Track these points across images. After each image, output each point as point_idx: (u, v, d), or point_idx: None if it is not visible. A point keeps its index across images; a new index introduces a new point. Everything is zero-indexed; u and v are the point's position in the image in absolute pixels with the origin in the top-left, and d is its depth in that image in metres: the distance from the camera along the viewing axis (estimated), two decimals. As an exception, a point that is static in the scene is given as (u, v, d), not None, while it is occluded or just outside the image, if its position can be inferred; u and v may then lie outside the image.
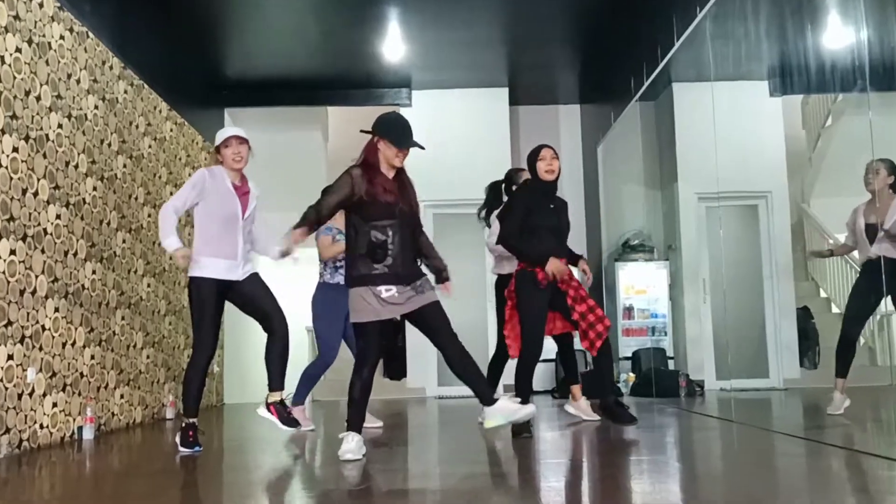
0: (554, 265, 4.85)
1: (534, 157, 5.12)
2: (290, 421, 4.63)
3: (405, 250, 4.01)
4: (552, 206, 5.09)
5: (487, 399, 4.06)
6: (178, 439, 4.57)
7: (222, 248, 4.58)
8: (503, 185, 5.99)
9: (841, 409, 5.24)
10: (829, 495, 2.93)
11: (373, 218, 3.96)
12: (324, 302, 5.61)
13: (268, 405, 4.65)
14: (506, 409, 4.05)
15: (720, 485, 3.22)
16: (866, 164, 5.00)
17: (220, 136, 4.78)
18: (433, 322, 4.04)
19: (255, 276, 4.70)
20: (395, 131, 4.05)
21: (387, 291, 3.94)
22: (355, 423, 3.99)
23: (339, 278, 5.56)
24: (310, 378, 5.57)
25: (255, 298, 4.67)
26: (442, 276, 4.26)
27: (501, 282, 5.74)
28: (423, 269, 4.20)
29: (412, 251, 4.08)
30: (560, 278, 4.92)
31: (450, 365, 4.11)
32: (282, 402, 4.65)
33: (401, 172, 4.13)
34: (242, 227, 4.65)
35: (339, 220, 5.71)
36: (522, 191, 5.23)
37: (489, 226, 6.09)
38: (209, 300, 4.54)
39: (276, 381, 4.64)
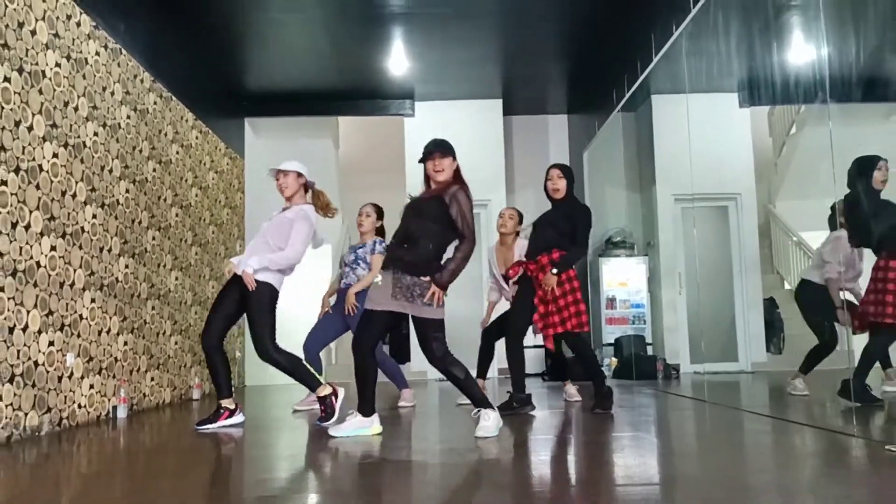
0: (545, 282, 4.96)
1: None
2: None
3: (397, 241, 4.03)
4: (551, 218, 5.14)
5: (481, 404, 4.00)
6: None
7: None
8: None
9: (806, 390, 5.27)
10: (794, 468, 2.93)
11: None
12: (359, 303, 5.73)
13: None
14: (488, 419, 3.97)
15: (695, 459, 3.23)
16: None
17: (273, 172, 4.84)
18: (418, 334, 4.00)
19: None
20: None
21: (380, 276, 4.01)
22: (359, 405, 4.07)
23: (352, 278, 5.72)
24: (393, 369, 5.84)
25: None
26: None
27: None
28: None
29: (401, 243, 4.01)
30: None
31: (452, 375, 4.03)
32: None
33: (435, 185, 4.11)
34: (259, 233, 4.80)
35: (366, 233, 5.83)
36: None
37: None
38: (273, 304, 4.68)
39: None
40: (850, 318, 4.73)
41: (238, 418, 4.72)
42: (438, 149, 4.06)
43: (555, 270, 4.91)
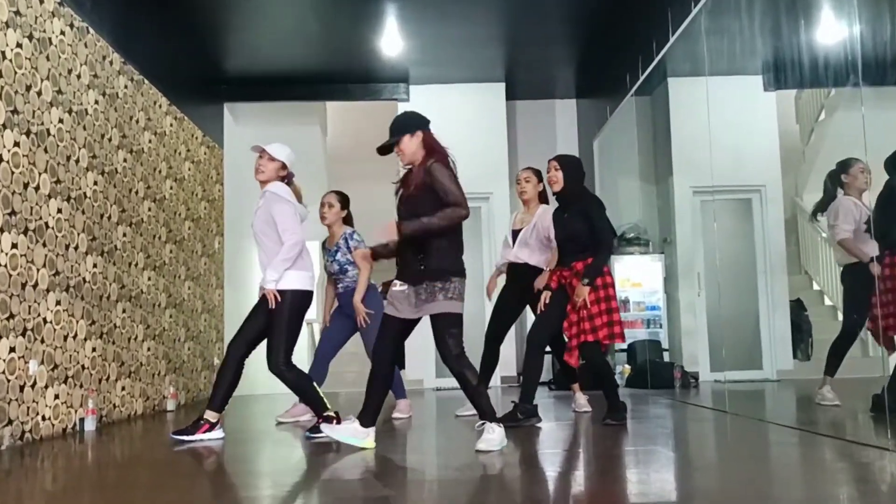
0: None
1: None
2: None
3: (404, 248, 4.05)
4: (566, 215, 5.14)
5: (486, 417, 4.02)
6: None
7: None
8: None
9: (836, 399, 5.28)
10: (823, 485, 2.94)
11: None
12: (370, 303, 5.75)
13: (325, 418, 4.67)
14: (493, 432, 3.96)
15: (714, 474, 3.24)
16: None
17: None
18: (435, 333, 4.02)
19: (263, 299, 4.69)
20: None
21: (400, 286, 4.06)
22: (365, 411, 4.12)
23: (346, 282, 5.75)
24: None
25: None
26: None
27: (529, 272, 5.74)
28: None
29: (410, 249, 4.04)
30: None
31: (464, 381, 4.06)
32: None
33: (411, 171, 4.17)
34: (256, 238, 4.78)
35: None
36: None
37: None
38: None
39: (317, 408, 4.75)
40: (877, 335, 4.74)
41: (217, 434, 4.73)
42: (392, 136, 4.13)
43: (586, 281, 4.94)
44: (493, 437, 3.91)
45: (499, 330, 5.81)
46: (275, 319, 4.58)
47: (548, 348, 5.33)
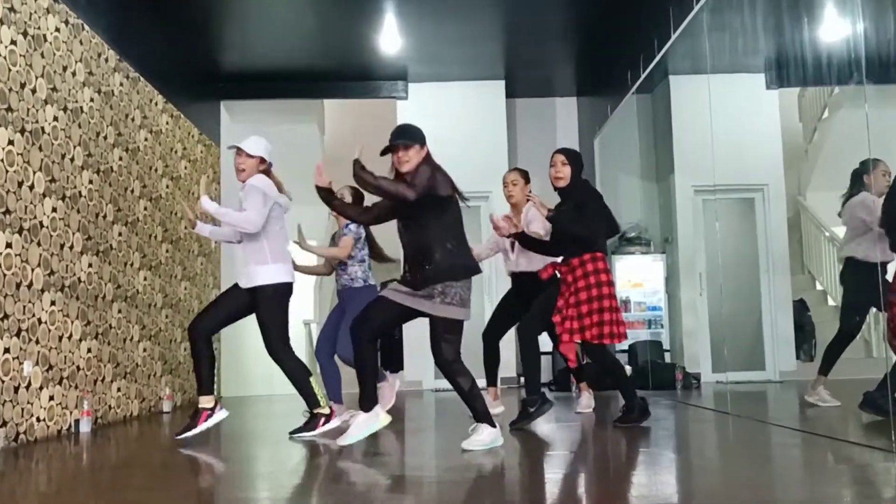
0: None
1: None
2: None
3: (407, 249, 4.06)
4: (562, 209, 5.09)
5: (479, 418, 4.04)
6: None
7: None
8: None
9: (834, 400, 5.29)
10: (825, 486, 2.95)
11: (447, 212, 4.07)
12: (355, 297, 5.61)
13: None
14: (481, 434, 3.99)
15: (716, 476, 3.24)
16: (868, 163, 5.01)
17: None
18: (432, 335, 4.02)
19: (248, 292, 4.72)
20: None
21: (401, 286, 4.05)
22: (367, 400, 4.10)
23: (345, 280, 5.66)
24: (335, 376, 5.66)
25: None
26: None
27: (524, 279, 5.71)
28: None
29: (414, 251, 4.05)
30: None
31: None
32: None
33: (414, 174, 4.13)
34: (244, 234, 4.75)
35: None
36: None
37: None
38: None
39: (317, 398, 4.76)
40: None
41: (220, 414, 4.73)
42: (401, 139, 4.09)
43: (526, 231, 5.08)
44: (482, 437, 3.94)
45: (497, 331, 5.81)
46: (262, 315, 4.64)
47: (548, 349, 5.33)
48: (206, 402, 4.70)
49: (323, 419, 4.65)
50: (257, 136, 4.86)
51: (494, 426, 3.99)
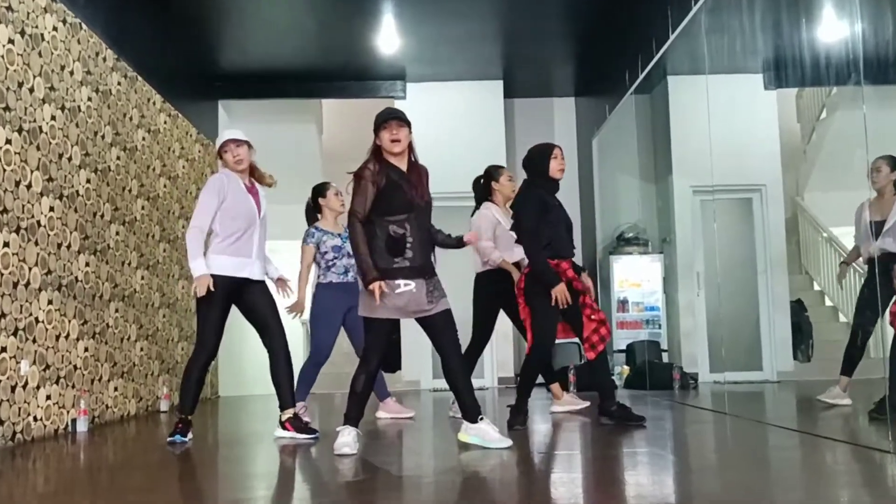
0: (561, 290, 4.67)
1: (546, 154, 4.95)
2: (308, 430, 4.71)
3: (423, 243, 4.02)
4: (557, 203, 5.00)
5: (471, 416, 4.05)
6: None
7: (238, 248, 4.62)
8: (482, 182, 5.91)
9: (834, 399, 5.28)
10: (824, 488, 2.95)
11: (390, 212, 3.95)
12: (318, 302, 5.59)
13: (282, 423, 4.73)
14: (485, 435, 4.01)
15: (714, 477, 3.24)
16: (871, 162, 5.00)
17: (218, 142, 4.80)
18: (442, 329, 4.03)
19: (263, 286, 4.73)
20: (379, 117, 4.09)
21: (405, 286, 3.93)
22: (353, 418, 4.00)
23: (332, 276, 5.56)
24: (305, 378, 5.52)
25: (258, 308, 4.71)
26: (460, 241, 4.27)
27: (481, 279, 5.68)
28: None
29: (429, 244, 4.08)
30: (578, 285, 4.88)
31: (445, 371, 4.10)
32: (295, 415, 4.73)
33: (416, 165, 4.13)
34: (259, 225, 4.71)
35: (327, 222, 5.72)
36: (532, 188, 4.95)
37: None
38: (216, 297, 4.52)
39: (286, 400, 4.74)
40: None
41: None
42: (397, 116, 4.07)
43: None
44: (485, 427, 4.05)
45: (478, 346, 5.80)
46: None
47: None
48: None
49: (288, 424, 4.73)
50: (230, 129, 4.90)
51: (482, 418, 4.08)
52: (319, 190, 5.76)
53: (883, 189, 5.16)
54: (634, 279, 9.25)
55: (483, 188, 5.82)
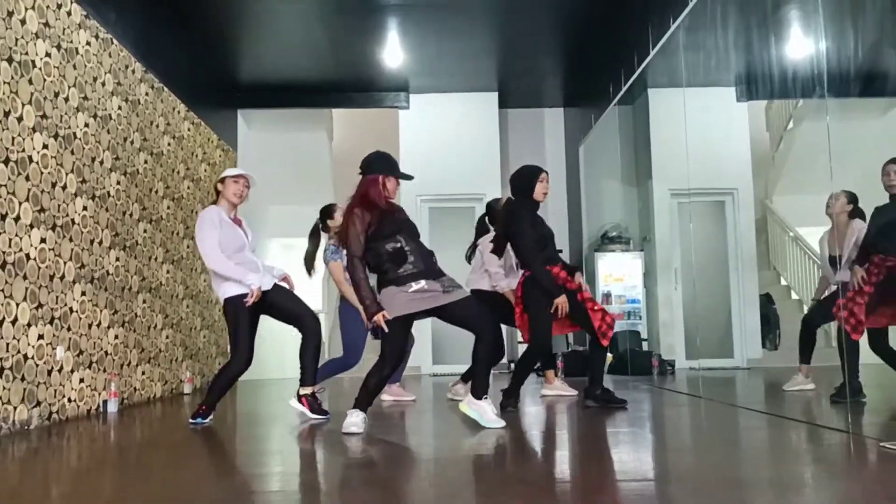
0: (562, 302, 4.68)
1: (533, 177, 4.84)
2: (320, 410, 4.71)
3: (423, 253, 4.01)
4: (540, 219, 4.98)
5: (478, 393, 4.06)
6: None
7: (247, 266, 4.55)
8: (486, 217, 5.95)
9: (798, 386, 5.28)
10: (789, 464, 2.95)
11: (382, 237, 3.94)
12: (347, 312, 5.44)
13: (299, 397, 4.70)
14: (484, 413, 4.04)
15: (690, 455, 3.25)
16: (830, 194, 4.91)
17: (232, 172, 4.70)
18: (468, 312, 3.96)
19: (277, 287, 4.67)
20: (395, 166, 4.14)
21: (416, 285, 3.91)
22: (363, 404, 4.01)
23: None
24: (328, 370, 5.39)
25: (285, 305, 4.66)
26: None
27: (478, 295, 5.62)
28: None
29: (428, 254, 4.05)
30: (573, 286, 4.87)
31: (476, 348, 3.98)
32: (313, 394, 4.72)
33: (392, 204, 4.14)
34: (249, 248, 4.67)
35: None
36: (521, 206, 4.87)
37: (470, 259, 6.02)
38: (244, 313, 4.47)
39: (308, 377, 4.70)
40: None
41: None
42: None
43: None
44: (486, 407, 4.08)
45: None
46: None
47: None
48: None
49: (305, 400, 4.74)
50: (233, 168, 4.82)
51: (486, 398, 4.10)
52: (327, 211, 5.62)
53: (836, 218, 4.99)
54: (617, 274, 9.26)
55: (485, 221, 5.91)
